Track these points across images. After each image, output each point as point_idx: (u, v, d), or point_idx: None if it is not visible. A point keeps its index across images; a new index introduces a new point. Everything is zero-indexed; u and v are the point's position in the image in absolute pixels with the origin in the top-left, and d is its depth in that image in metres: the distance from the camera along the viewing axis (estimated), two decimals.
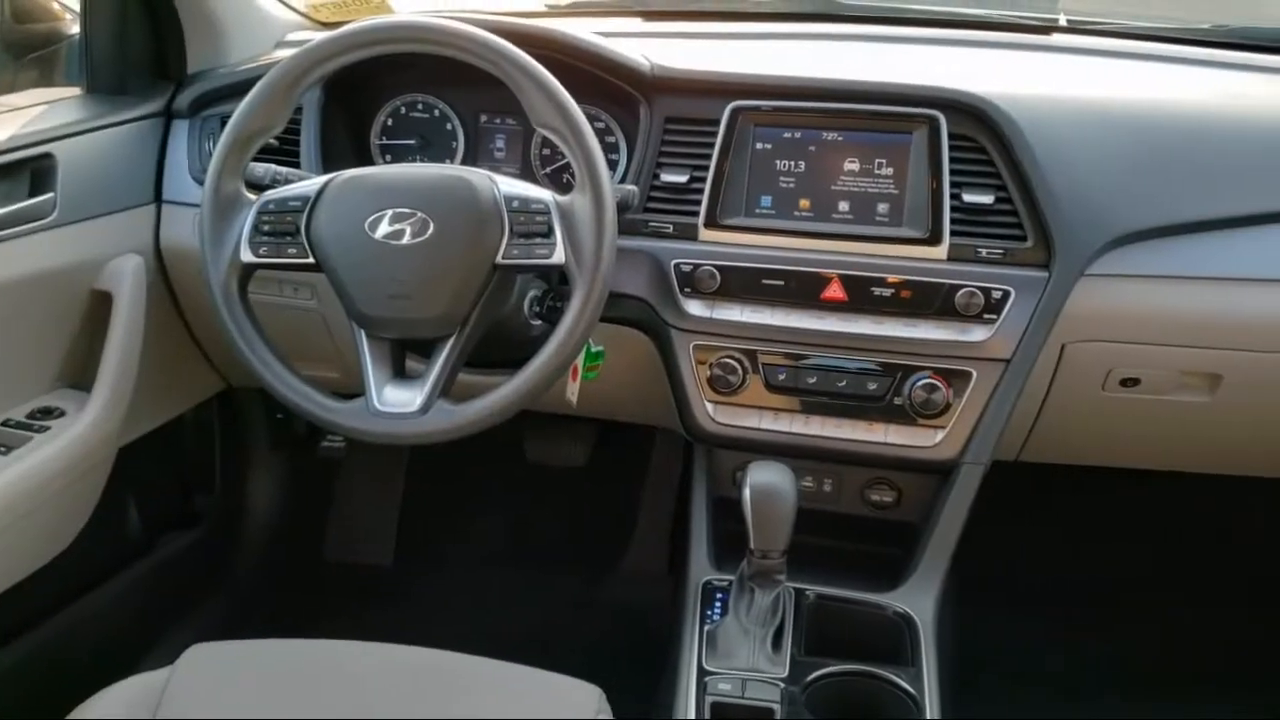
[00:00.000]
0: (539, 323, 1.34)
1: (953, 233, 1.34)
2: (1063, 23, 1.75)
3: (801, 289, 1.36)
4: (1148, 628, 1.94)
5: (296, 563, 2.13)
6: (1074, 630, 1.95)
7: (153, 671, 1.03)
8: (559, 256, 1.17)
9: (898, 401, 1.35)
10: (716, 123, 1.39)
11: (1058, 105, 1.42)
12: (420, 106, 1.56)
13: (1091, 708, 1.46)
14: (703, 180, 1.39)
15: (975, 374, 1.33)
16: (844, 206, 1.38)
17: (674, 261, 1.38)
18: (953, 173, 1.34)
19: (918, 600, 1.32)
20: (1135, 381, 1.41)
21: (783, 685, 1.19)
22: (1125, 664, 1.90)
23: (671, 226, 1.40)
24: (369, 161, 1.57)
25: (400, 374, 1.23)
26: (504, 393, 1.18)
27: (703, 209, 1.38)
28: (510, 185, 1.21)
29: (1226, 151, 1.40)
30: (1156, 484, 1.71)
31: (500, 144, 1.55)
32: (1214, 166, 1.38)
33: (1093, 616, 1.96)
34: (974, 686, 1.72)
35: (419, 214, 1.18)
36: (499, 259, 1.18)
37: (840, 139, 1.38)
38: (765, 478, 1.21)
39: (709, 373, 1.38)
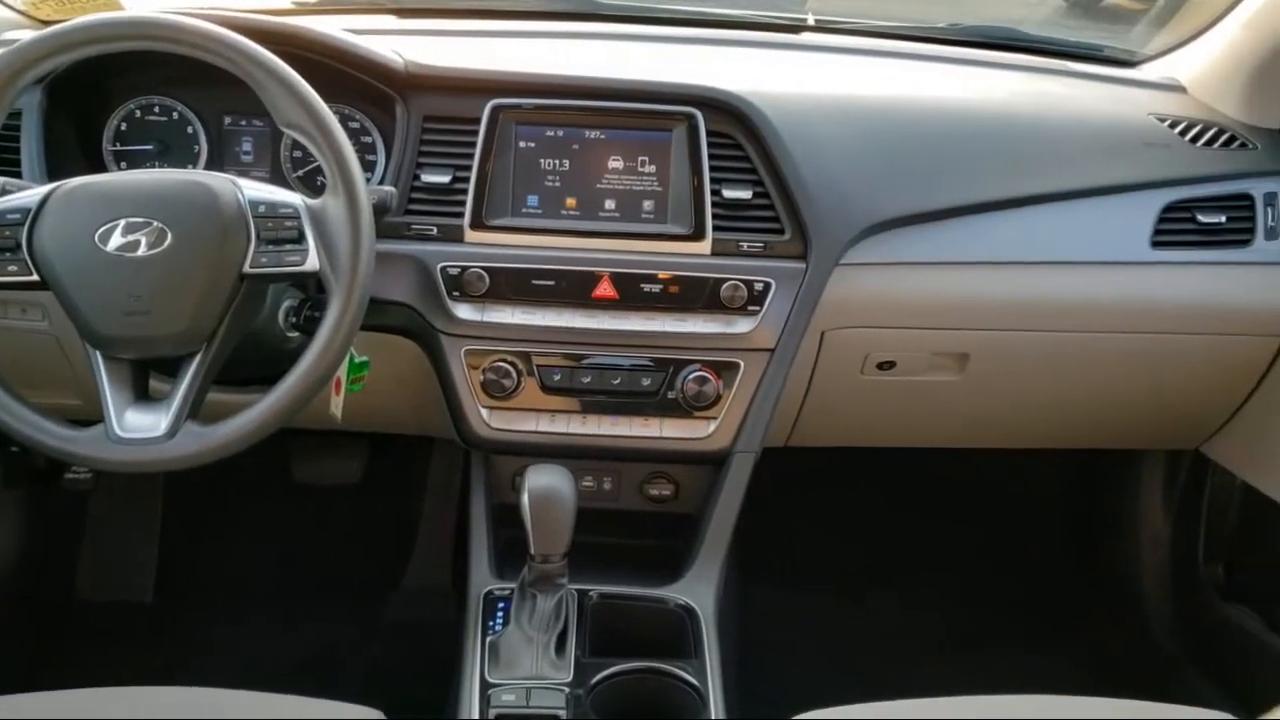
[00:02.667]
0: (296, 334, 1.28)
1: (715, 228, 1.36)
2: (811, 22, 1.81)
3: (572, 288, 1.35)
4: (925, 595, 2.05)
5: (44, 606, 1.96)
6: (858, 604, 2.03)
7: None
8: (312, 263, 1.12)
9: (671, 395, 1.36)
10: (477, 121, 1.36)
11: (808, 102, 1.47)
12: (157, 109, 1.46)
13: (879, 677, 1.52)
14: (466, 180, 1.36)
15: (743, 365, 1.36)
16: (610, 204, 1.38)
17: (440, 264, 1.34)
18: (712, 169, 1.36)
19: (698, 591, 1.33)
20: (891, 364, 1.48)
21: (567, 690, 1.17)
22: (909, 632, 1.99)
23: (436, 229, 1.36)
24: (101, 169, 1.45)
25: (143, 396, 1.14)
26: (258, 411, 1.11)
27: (468, 210, 1.35)
28: (256, 189, 1.14)
29: (965, 143, 1.48)
30: (925, 459, 1.80)
31: (247, 147, 1.47)
32: (954, 157, 1.46)
33: (875, 590, 2.05)
34: (761, 670, 1.77)
35: (155, 223, 1.10)
36: (246, 268, 1.11)
37: (603, 137, 1.38)
38: (543, 481, 1.19)
39: (482, 377, 1.35)
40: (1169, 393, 1.58)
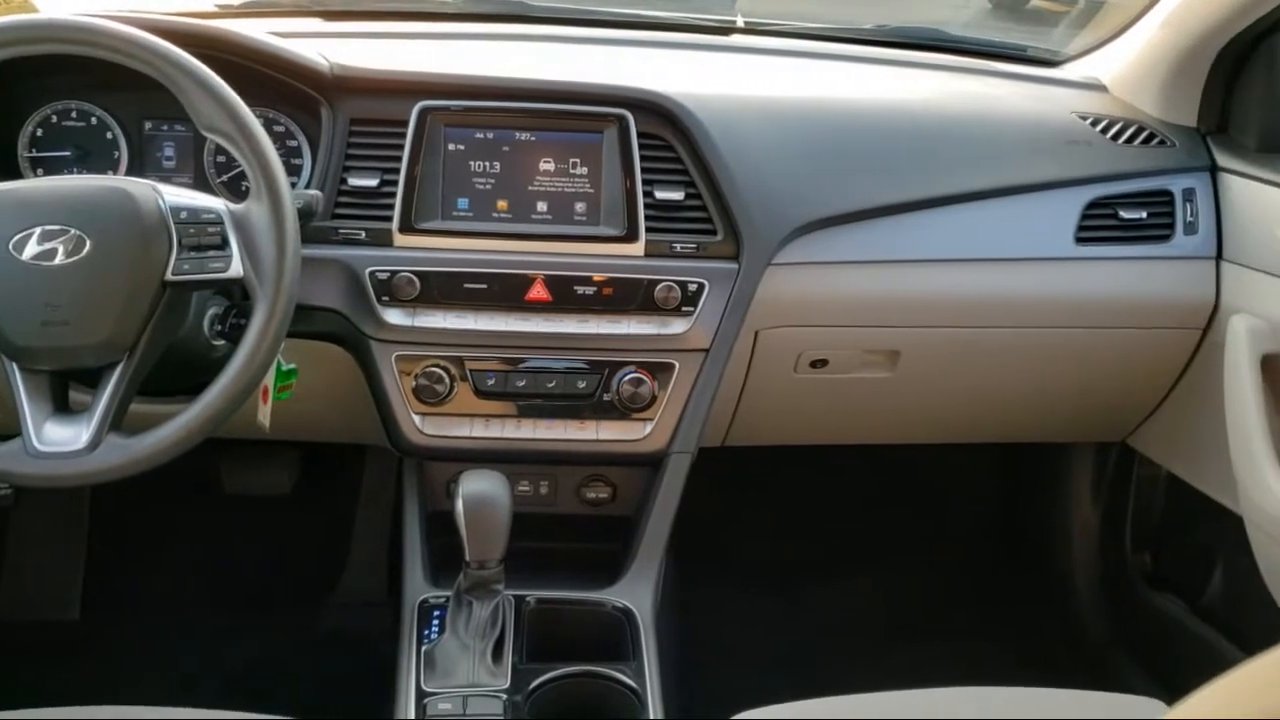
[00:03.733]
0: (222, 343, 1.25)
1: (648, 229, 1.36)
2: (740, 24, 1.82)
3: (505, 291, 1.34)
4: (862, 590, 2.06)
5: None
6: (797, 602, 2.04)
7: None
8: (236, 269, 1.10)
9: (607, 397, 1.36)
10: (404, 124, 1.34)
11: (739, 103, 1.47)
12: (75, 114, 1.42)
13: (819, 673, 1.53)
14: (394, 184, 1.34)
15: (678, 365, 1.36)
16: (542, 206, 1.37)
17: (369, 269, 1.32)
18: (644, 170, 1.36)
19: (636, 593, 1.33)
20: (824, 362, 1.49)
21: (505, 697, 1.16)
22: (847, 627, 2.01)
23: (364, 233, 1.34)
24: (17, 177, 1.41)
25: (63, 408, 1.11)
26: (183, 421, 1.09)
27: (396, 213, 1.33)
28: (177, 195, 1.12)
29: (892, 143, 1.49)
30: (859, 455, 1.82)
31: (169, 152, 1.43)
32: (882, 157, 1.47)
33: (813, 586, 2.06)
34: (702, 669, 1.77)
35: (72, 230, 1.07)
36: (168, 275, 1.08)
37: (533, 139, 1.37)
38: (478, 487, 1.18)
39: (414, 383, 1.33)
40: (1095, 386, 1.61)
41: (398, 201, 1.33)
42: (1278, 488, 1.35)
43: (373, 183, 1.35)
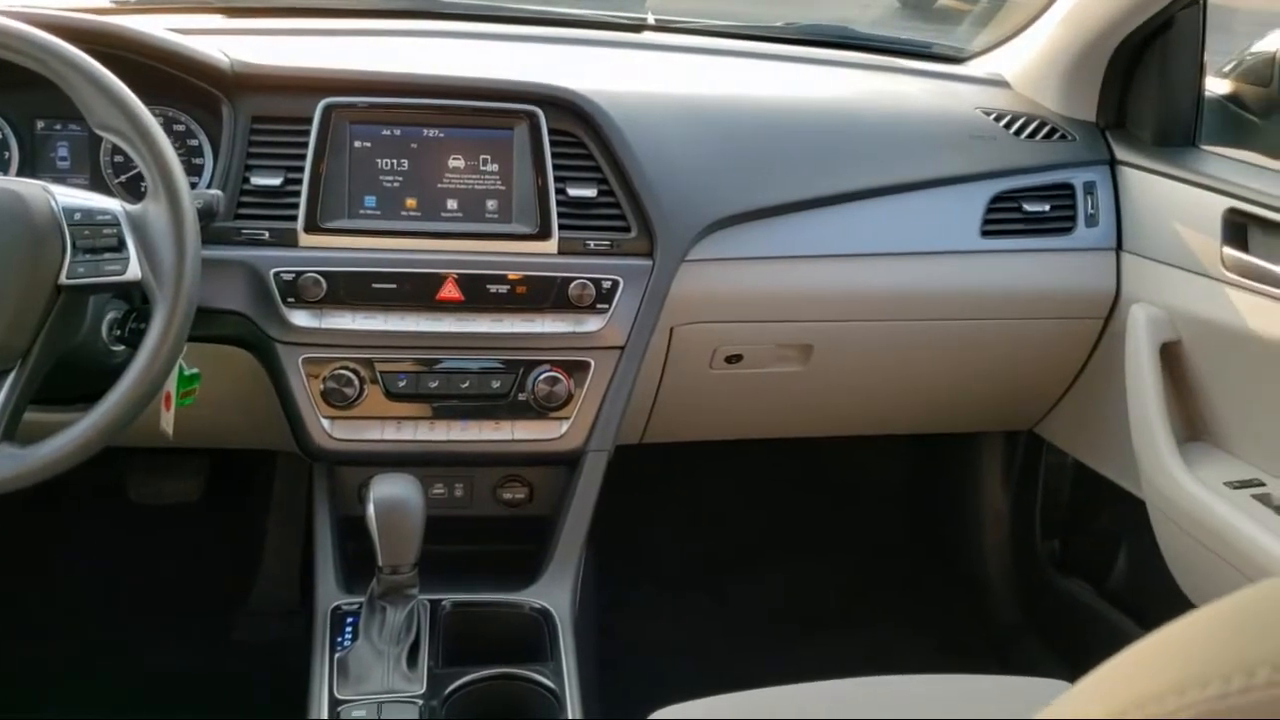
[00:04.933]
0: (121, 348, 1.21)
1: (561, 227, 1.35)
2: (652, 21, 1.82)
3: (415, 291, 1.32)
4: (780, 583, 2.08)
5: None
6: (717, 596, 2.05)
7: None
8: (134, 272, 1.06)
9: (522, 397, 1.35)
10: (308, 121, 1.32)
11: (650, 100, 1.47)
12: None
13: (739, 666, 1.53)
14: (299, 182, 1.31)
15: (594, 363, 1.36)
16: (452, 204, 1.35)
17: (274, 270, 1.29)
18: (556, 168, 1.35)
19: (553, 593, 1.32)
20: (739, 358, 1.49)
21: (421, 702, 1.14)
22: (766, 620, 2.02)
23: (268, 233, 1.31)
24: None
25: None
26: (80, 430, 1.05)
27: (301, 213, 1.30)
28: (70, 196, 1.08)
29: (802, 139, 1.51)
30: (775, 450, 1.83)
31: (63, 153, 1.38)
32: (792, 153, 1.49)
33: (732, 581, 2.07)
34: (625, 667, 1.77)
35: None
36: (63, 279, 1.05)
37: (442, 136, 1.35)
38: (389, 490, 1.16)
39: (322, 386, 1.30)
40: (1003, 376, 1.64)
41: (302, 200, 1.30)
42: (1177, 472, 1.39)
43: (276, 181, 1.32)
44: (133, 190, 1.37)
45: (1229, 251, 1.37)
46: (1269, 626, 0.32)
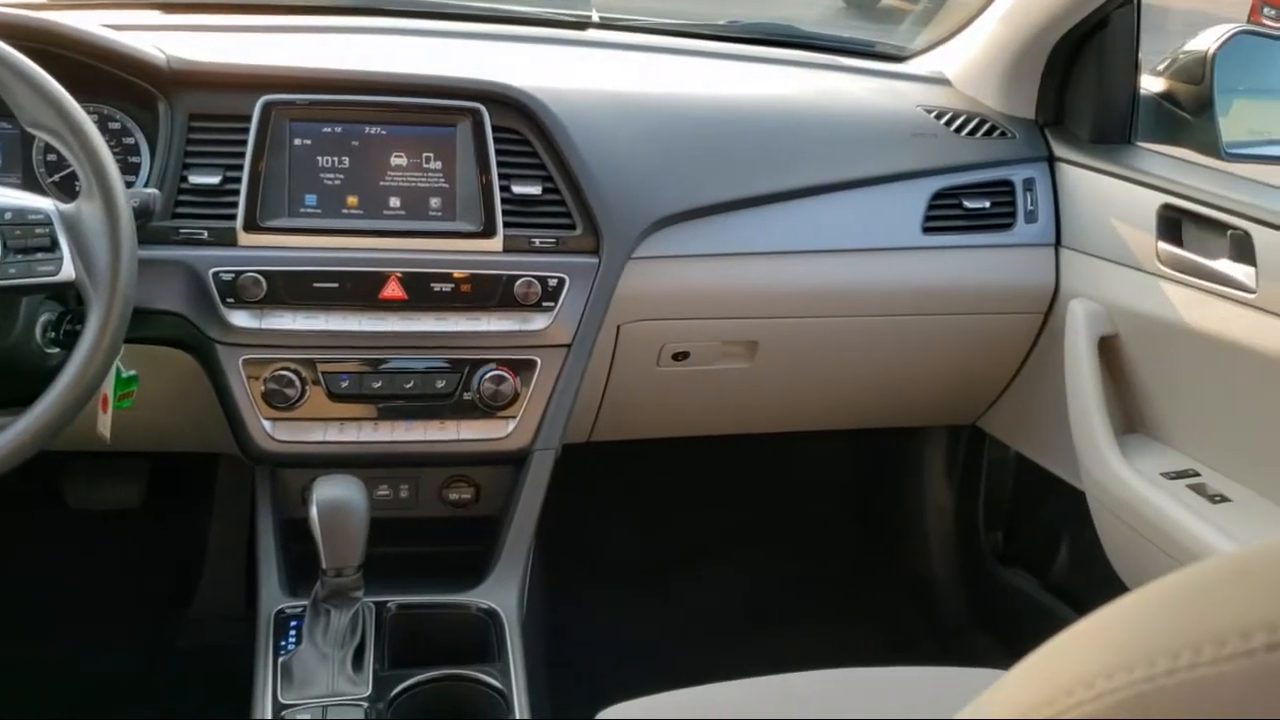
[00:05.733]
0: (56, 350, 1.18)
1: (506, 224, 1.34)
2: (596, 19, 1.82)
3: (357, 290, 1.30)
4: (729, 580, 2.09)
5: None
6: (666, 594, 2.05)
7: None
8: (68, 272, 1.04)
9: (467, 396, 1.34)
10: (247, 119, 1.30)
11: (594, 98, 1.47)
12: None
13: (689, 664, 1.54)
14: (238, 181, 1.29)
15: (540, 361, 1.35)
16: (395, 202, 1.34)
17: (213, 270, 1.27)
18: (501, 165, 1.35)
19: (501, 594, 1.31)
20: (685, 355, 1.50)
21: (366, 704, 1.13)
22: (715, 617, 2.02)
23: (207, 232, 1.29)
24: None
25: None
26: (13, 434, 1.03)
27: (240, 211, 1.29)
28: (1, 195, 1.06)
29: (746, 137, 1.51)
30: (722, 446, 1.83)
31: None
32: (736, 151, 1.49)
33: (681, 578, 2.08)
34: (574, 666, 1.76)
35: None
36: None
37: (384, 133, 1.34)
38: (332, 492, 1.14)
39: (263, 387, 1.28)
40: (946, 371, 1.66)
41: (242, 199, 1.28)
42: (1115, 464, 1.41)
43: (215, 180, 1.30)
44: (67, 189, 1.34)
45: (1164, 246, 1.40)
46: (1193, 610, 0.33)
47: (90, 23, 1.33)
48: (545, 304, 1.34)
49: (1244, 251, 1.28)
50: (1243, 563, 0.34)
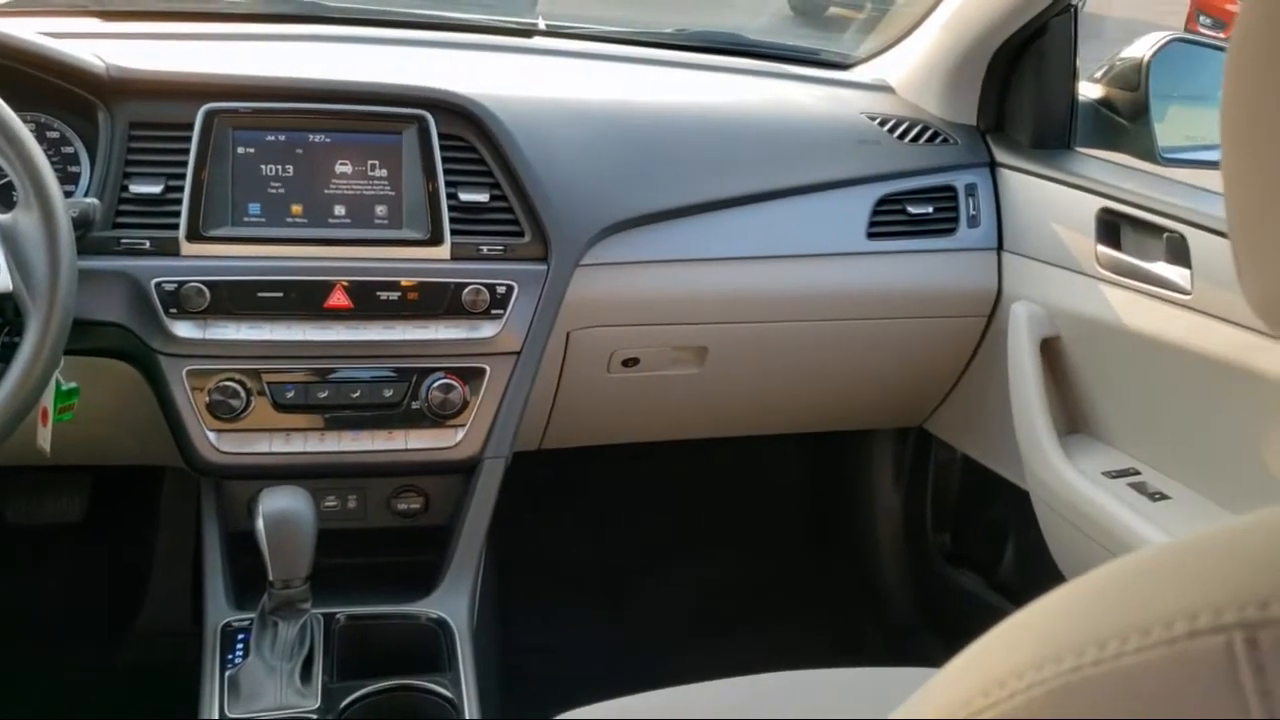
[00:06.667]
0: None
1: (453, 232, 1.34)
2: (542, 26, 1.82)
3: (303, 299, 1.29)
4: (682, 585, 2.09)
5: None
6: (619, 601, 2.05)
7: None
8: (5, 284, 1.03)
9: (415, 405, 1.33)
10: (189, 127, 1.28)
11: (541, 105, 1.47)
12: None
13: (642, 670, 1.54)
14: (180, 190, 1.28)
15: (489, 369, 1.35)
16: (340, 210, 1.33)
17: (155, 280, 1.25)
18: (447, 172, 1.34)
19: (451, 603, 1.31)
20: (635, 361, 1.50)
21: (315, 717, 1.12)
22: (668, 622, 2.02)
23: (149, 242, 1.27)
24: None
25: None
26: None
27: (183, 221, 1.27)
28: None
29: (693, 144, 1.52)
30: (673, 452, 1.84)
31: None
32: (684, 158, 1.50)
33: (634, 584, 2.08)
34: (528, 674, 1.76)
35: None
36: None
37: (329, 141, 1.33)
38: (279, 504, 1.13)
39: (208, 399, 1.27)
40: (893, 374, 1.68)
41: (184, 208, 1.27)
42: (1058, 463, 1.44)
43: (156, 189, 1.28)
44: (4, 200, 1.32)
45: (1103, 249, 1.42)
46: (1121, 600, 0.34)
47: (28, 30, 1.31)
48: (494, 311, 1.34)
49: (1179, 254, 1.31)
50: (1171, 553, 0.34)
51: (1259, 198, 0.36)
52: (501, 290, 1.34)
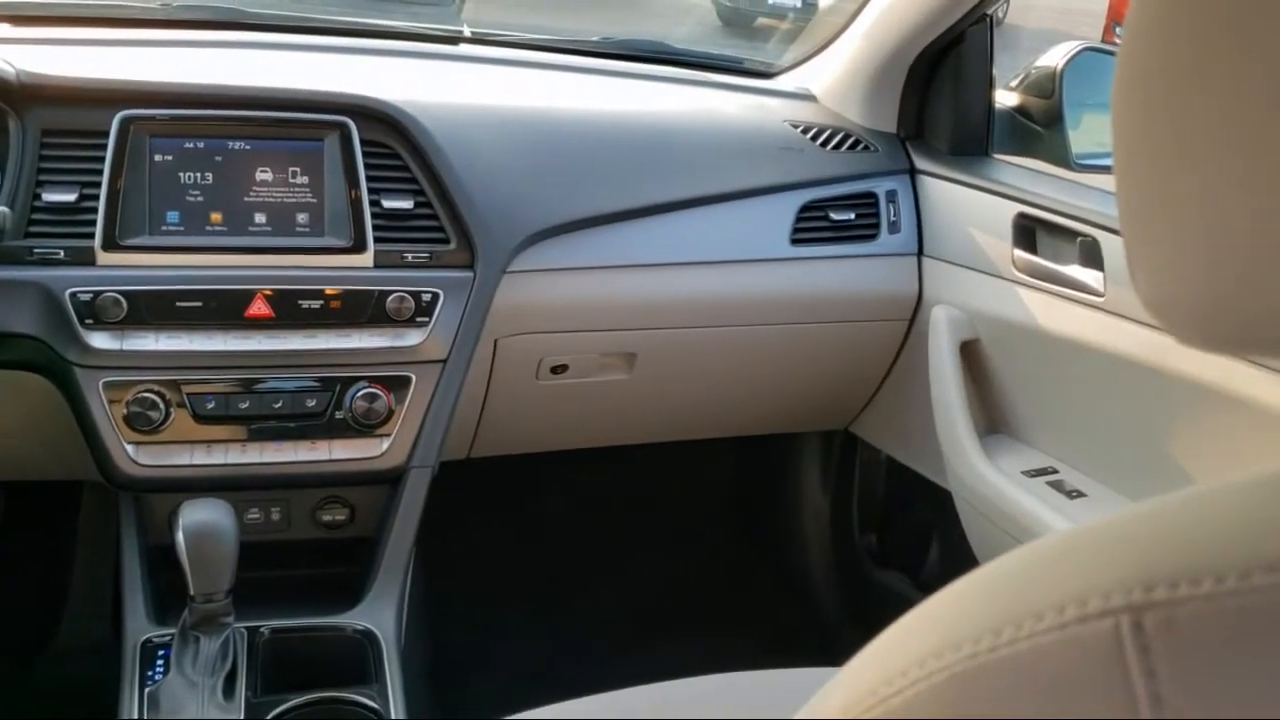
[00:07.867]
0: None
1: (377, 239, 1.33)
2: (468, 34, 1.81)
3: (222, 309, 1.27)
4: (614, 592, 2.09)
5: None
6: (552, 609, 2.04)
7: None
8: None
9: (339, 415, 1.32)
10: (105, 134, 1.26)
11: (466, 112, 1.47)
12: None
13: (576, 677, 1.53)
14: (96, 198, 1.25)
15: (414, 378, 1.34)
16: (261, 218, 1.31)
17: (69, 290, 1.22)
18: (370, 179, 1.33)
19: (378, 614, 1.30)
20: (564, 368, 1.50)
21: None
22: (601, 629, 2.02)
23: (63, 251, 1.25)
24: None
25: None
26: None
27: (99, 230, 1.24)
28: None
29: (618, 152, 1.53)
30: (604, 459, 1.84)
31: None
32: (608, 165, 1.51)
33: (567, 592, 2.07)
34: (460, 684, 1.74)
35: None
36: None
37: (248, 148, 1.31)
38: (199, 517, 1.12)
39: (125, 411, 1.24)
40: (818, 378, 1.70)
41: (100, 217, 1.24)
42: (979, 463, 1.47)
43: (71, 198, 1.25)
44: None
45: (1019, 253, 1.46)
46: (1019, 587, 0.35)
47: None
48: (419, 319, 1.33)
49: (1093, 257, 1.34)
50: (1069, 540, 0.36)
51: (1148, 196, 0.37)
52: (427, 298, 1.33)
